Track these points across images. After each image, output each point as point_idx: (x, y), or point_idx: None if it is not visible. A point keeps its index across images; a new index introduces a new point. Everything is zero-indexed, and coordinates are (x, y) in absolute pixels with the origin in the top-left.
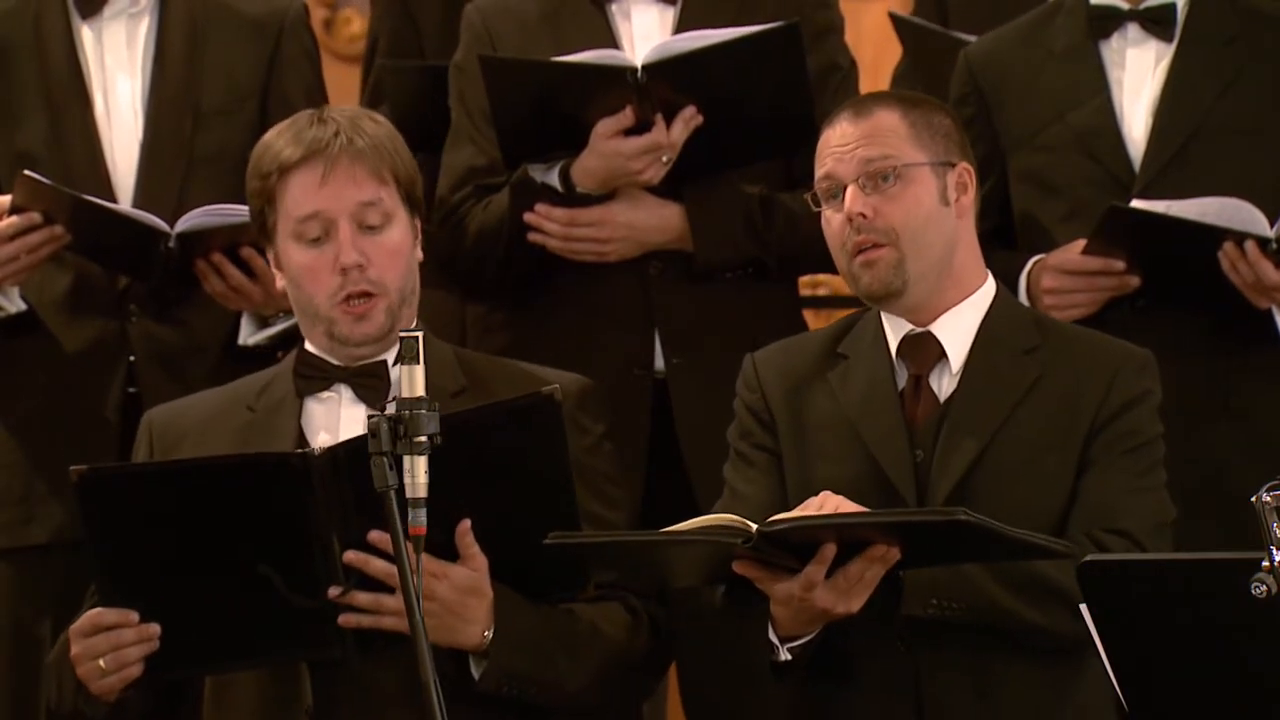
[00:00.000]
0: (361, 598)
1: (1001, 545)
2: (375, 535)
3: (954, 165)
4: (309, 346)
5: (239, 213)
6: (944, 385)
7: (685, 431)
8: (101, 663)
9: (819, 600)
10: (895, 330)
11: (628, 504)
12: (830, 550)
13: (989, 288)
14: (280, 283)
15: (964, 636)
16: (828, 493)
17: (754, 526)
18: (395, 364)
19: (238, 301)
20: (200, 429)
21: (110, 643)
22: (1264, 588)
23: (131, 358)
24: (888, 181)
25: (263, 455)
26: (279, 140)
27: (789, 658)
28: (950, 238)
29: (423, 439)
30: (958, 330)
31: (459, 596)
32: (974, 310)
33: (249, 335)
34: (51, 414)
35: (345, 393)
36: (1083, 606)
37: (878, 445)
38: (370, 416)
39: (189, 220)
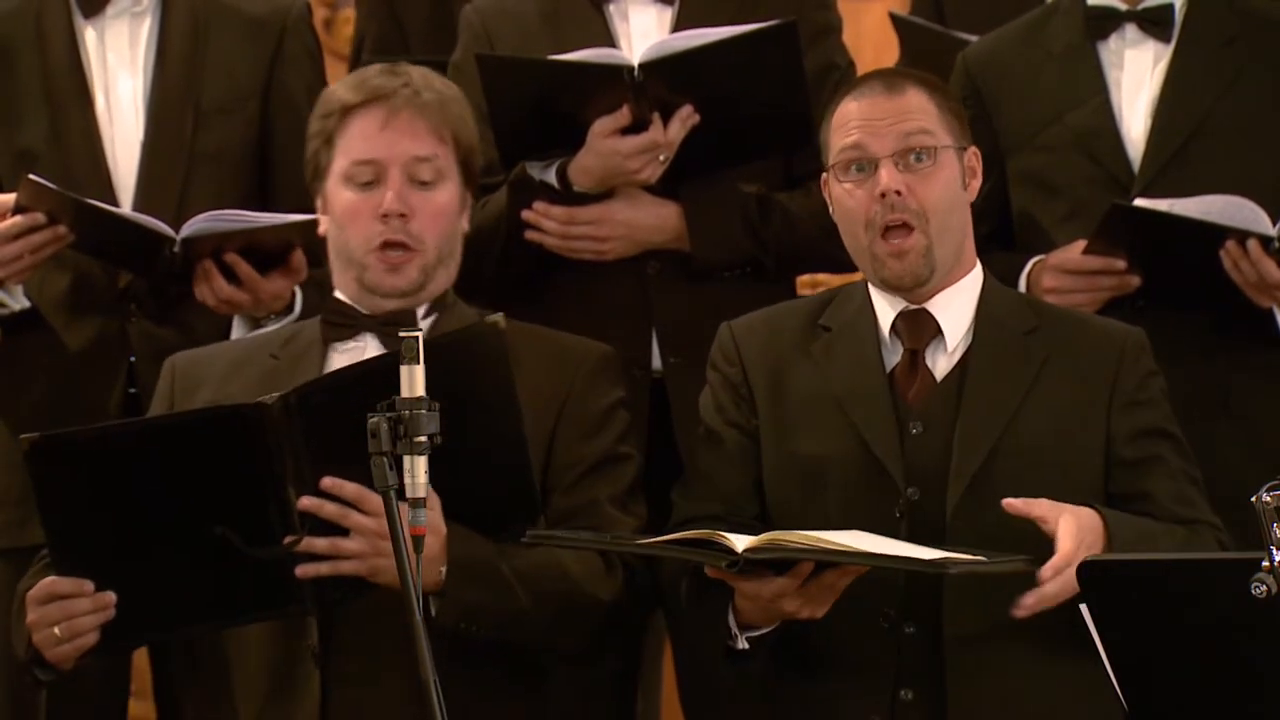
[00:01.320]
0: (318, 543)
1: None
2: (328, 482)
3: (967, 149)
4: (338, 294)
5: (245, 218)
6: (939, 363)
7: (683, 431)
8: (56, 630)
9: (786, 606)
10: (888, 306)
11: (639, 461)
12: (806, 568)
13: (978, 269)
14: (324, 227)
15: (1001, 645)
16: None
17: (740, 548)
18: (425, 317)
19: (228, 309)
20: (222, 375)
21: (64, 612)
22: (1264, 588)
23: (132, 358)
24: (921, 161)
25: (217, 408)
26: (345, 84)
27: (746, 647)
28: (965, 222)
29: (423, 439)
30: (952, 309)
31: None
32: (968, 291)
33: (240, 336)
34: (52, 414)
35: (371, 341)
36: (1082, 606)
37: (865, 422)
38: (370, 416)
39: (194, 225)
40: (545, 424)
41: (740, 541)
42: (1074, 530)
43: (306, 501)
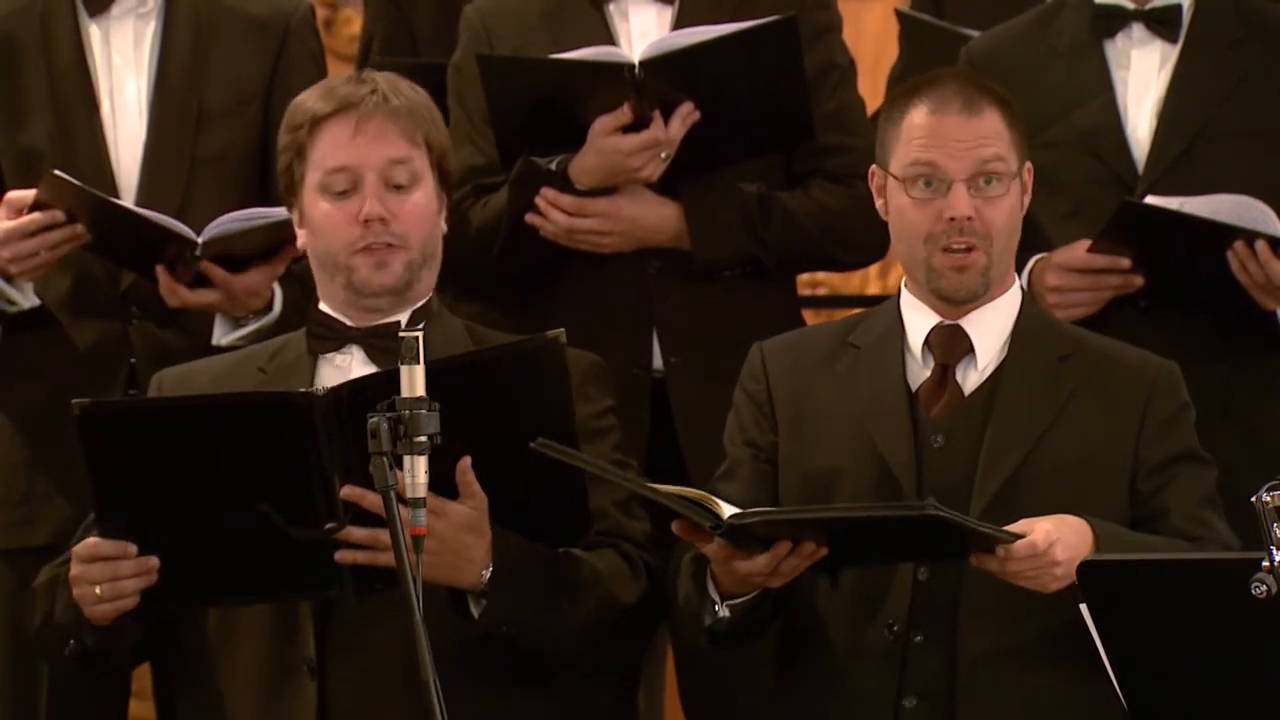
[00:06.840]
0: (357, 533)
1: (965, 539)
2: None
3: (1025, 164)
4: (323, 306)
5: (267, 216)
6: (969, 378)
7: (684, 430)
8: (98, 590)
9: (740, 569)
10: (923, 320)
11: (634, 471)
12: (784, 549)
13: (1016, 288)
14: (302, 240)
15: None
16: None
17: (727, 514)
18: (407, 327)
19: (204, 309)
20: (211, 390)
21: (107, 573)
22: (1264, 588)
23: (132, 359)
24: (990, 185)
25: (266, 394)
26: (313, 95)
27: (727, 614)
28: (1017, 240)
29: (423, 439)
30: (986, 326)
31: (458, 534)
32: (1005, 309)
33: (222, 335)
34: (53, 415)
35: (358, 354)
36: (1083, 606)
37: (881, 435)
38: (370, 416)
39: (217, 227)
40: None
41: (730, 511)
42: (1051, 526)
43: (348, 491)
